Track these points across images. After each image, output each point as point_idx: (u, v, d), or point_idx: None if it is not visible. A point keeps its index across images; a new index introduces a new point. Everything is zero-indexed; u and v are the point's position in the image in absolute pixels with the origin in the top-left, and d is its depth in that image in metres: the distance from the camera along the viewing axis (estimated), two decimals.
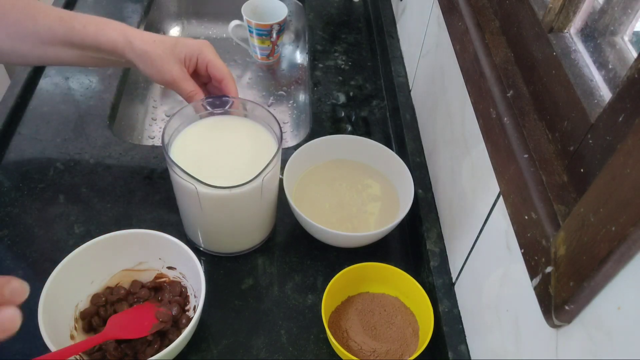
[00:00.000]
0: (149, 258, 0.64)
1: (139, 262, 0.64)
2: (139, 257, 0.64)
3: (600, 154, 0.39)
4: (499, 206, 0.53)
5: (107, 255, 0.62)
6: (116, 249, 0.62)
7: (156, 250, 0.63)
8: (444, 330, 0.61)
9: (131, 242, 0.62)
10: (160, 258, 0.64)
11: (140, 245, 0.62)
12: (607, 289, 0.35)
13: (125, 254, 0.63)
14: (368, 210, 0.75)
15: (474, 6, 0.62)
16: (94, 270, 0.62)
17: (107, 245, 0.61)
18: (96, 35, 0.63)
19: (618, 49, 0.45)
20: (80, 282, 0.61)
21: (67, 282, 0.58)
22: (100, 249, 0.61)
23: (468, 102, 0.59)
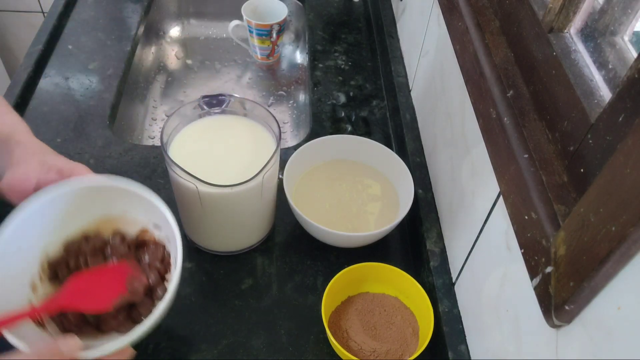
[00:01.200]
0: (135, 209, 0.56)
1: (124, 211, 0.57)
2: (124, 205, 0.56)
3: (600, 154, 0.39)
4: (499, 206, 0.53)
5: (88, 197, 0.54)
6: (99, 192, 0.55)
7: (140, 203, 0.55)
8: (444, 330, 0.61)
9: (115, 191, 0.55)
10: (146, 211, 0.56)
11: (123, 195, 0.55)
12: (607, 289, 0.35)
13: (108, 198, 0.55)
14: (368, 210, 0.75)
15: (474, 6, 0.62)
16: (70, 211, 0.54)
17: (88, 188, 0.54)
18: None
19: (618, 49, 0.45)
20: (52, 222, 0.54)
21: (35, 220, 0.52)
22: (79, 190, 0.53)
23: (468, 102, 0.59)
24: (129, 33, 1.02)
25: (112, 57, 0.96)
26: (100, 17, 1.05)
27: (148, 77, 1.06)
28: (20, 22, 1.69)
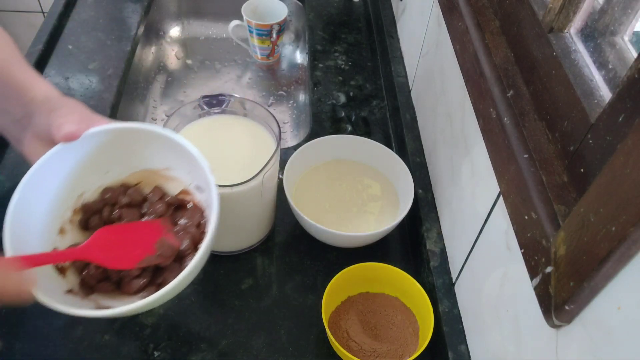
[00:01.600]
0: (178, 166, 0.53)
1: (167, 167, 0.54)
2: (167, 160, 0.53)
3: (600, 154, 0.39)
4: (499, 206, 0.53)
5: (131, 146, 0.51)
6: (144, 141, 0.51)
7: (185, 162, 0.51)
8: (444, 330, 0.61)
9: (162, 142, 0.51)
10: (189, 172, 0.53)
11: (171, 149, 0.51)
12: (607, 289, 0.35)
13: (152, 151, 0.52)
14: (368, 210, 0.75)
15: (474, 6, 0.62)
16: (112, 156, 0.51)
17: (132, 135, 0.50)
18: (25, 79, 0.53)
19: (618, 49, 0.45)
20: (92, 167, 0.51)
21: (74, 162, 0.49)
22: (124, 136, 0.50)
23: (468, 102, 0.59)
24: (129, 33, 1.02)
25: (112, 57, 0.96)
26: (100, 17, 1.05)
27: (148, 77, 1.06)
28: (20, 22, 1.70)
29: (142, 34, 1.06)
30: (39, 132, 0.50)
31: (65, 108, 0.49)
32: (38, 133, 0.50)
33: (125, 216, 0.52)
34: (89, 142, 0.49)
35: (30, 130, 0.51)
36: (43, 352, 0.60)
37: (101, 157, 0.51)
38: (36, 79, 0.53)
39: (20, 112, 0.51)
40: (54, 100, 0.51)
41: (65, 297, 0.47)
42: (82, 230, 0.52)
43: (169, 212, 0.53)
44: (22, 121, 0.51)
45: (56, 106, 0.49)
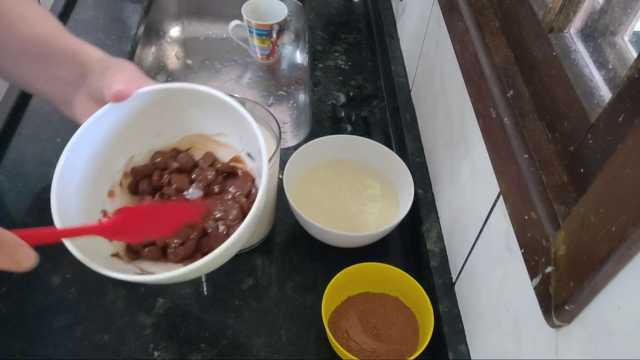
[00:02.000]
0: (230, 132, 0.51)
1: (218, 133, 0.52)
2: (219, 126, 0.51)
3: (600, 154, 0.39)
4: (499, 206, 0.53)
5: (183, 109, 0.50)
6: (196, 104, 0.50)
7: (238, 128, 0.49)
8: (444, 330, 0.61)
9: (214, 105, 0.49)
10: (241, 138, 0.51)
11: (223, 114, 0.49)
12: (607, 289, 0.35)
13: (204, 115, 0.50)
14: (368, 210, 0.75)
15: (474, 6, 0.62)
16: (163, 121, 0.50)
17: (184, 97, 0.49)
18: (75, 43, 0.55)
19: (618, 49, 0.45)
20: (142, 129, 0.50)
21: (124, 122, 0.48)
22: (175, 98, 0.49)
23: (468, 102, 0.59)
24: (129, 33, 1.02)
25: None
26: (100, 17, 1.05)
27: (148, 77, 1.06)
28: None
29: (142, 34, 1.06)
30: (92, 92, 0.50)
31: (117, 67, 0.49)
32: (91, 94, 0.50)
33: (175, 182, 0.50)
34: (139, 102, 0.47)
35: (83, 91, 0.51)
36: (43, 352, 0.60)
37: (152, 119, 0.50)
38: (85, 44, 0.54)
39: (73, 74, 0.52)
40: (107, 60, 0.51)
41: (110, 261, 0.46)
42: (132, 194, 0.52)
43: (219, 180, 0.51)
44: (75, 83, 0.52)
45: (110, 66, 0.49)
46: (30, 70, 0.55)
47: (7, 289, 0.65)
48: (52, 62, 0.53)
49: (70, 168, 0.46)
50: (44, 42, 0.54)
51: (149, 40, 1.10)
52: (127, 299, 0.65)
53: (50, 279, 0.66)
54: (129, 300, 0.65)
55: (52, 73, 0.53)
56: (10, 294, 0.64)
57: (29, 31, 0.55)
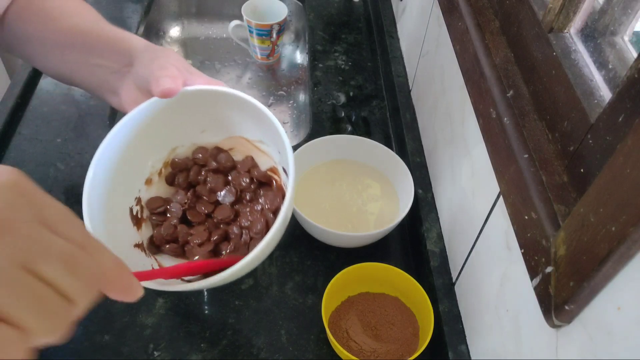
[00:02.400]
0: (269, 142, 0.52)
1: (260, 140, 0.52)
2: (262, 133, 0.51)
3: (600, 154, 0.39)
4: (499, 206, 0.53)
5: (228, 111, 0.50)
6: (240, 109, 0.50)
7: (276, 141, 0.49)
8: (444, 330, 0.61)
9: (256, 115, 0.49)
10: (279, 152, 0.51)
11: (264, 124, 0.49)
12: (607, 289, 0.35)
13: (247, 121, 0.51)
14: (368, 210, 0.75)
15: (474, 6, 0.62)
16: (209, 117, 0.51)
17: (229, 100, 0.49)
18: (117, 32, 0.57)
19: (618, 49, 0.45)
20: (187, 122, 0.51)
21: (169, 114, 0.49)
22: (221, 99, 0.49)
23: (468, 102, 0.59)
24: None
25: None
26: None
27: None
28: None
29: (142, 34, 1.06)
30: (139, 82, 0.51)
31: (163, 58, 0.49)
32: (138, 83, 0.51)
33: (210, 181, 0.51)
34: (185, 99, 0.48)
35: (129, 78, 0.52)
36: (43, 352, 0.60)
37: (197, 114, 0.50)
38: (128, 33, 0.55)
39: (119, 63, 0.53)
40: (152, 49, 0.52)
41: (132, 251, 0.47)
42: (168, 185, 0.52)
43: (252, 188, 0.52)
44: (121, 71, 0.53)
45: (156, 55, 0.50)
46: (73, 61, 0.56)
47: None
48: (96, 51, 0.54)
49: (109, 150, 0.46)
50: (85, 33, 0.55)
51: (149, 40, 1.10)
52: None
53: None
54: None
55: (95, 63, 0.54)
56: None
57: (68, 23, 0.56)
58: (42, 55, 0.58)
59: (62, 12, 0.57)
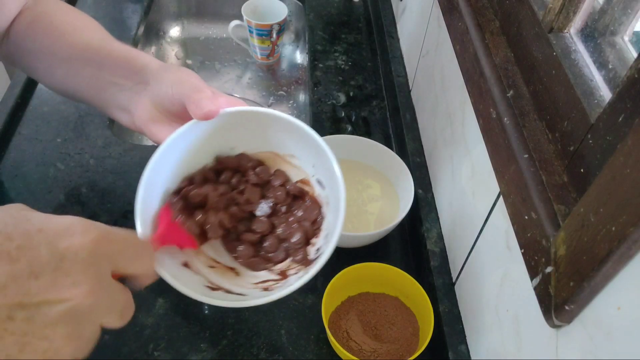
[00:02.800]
0: (302, 156, 0.52)
1: (292, 155, 0.53)
2: (292, 148, 0.52)
3: (600, 154, 0.39)
4: (499, 206, 0.53)
5: (261, 128, 0.51)
6: (275, 127, 0.51)
7: (311, 154, 0.51)
8: (444, 330, 0.61)
9: (292, 132, 0.50)
10: (313, 166, 0.52)
11: (300, 139, 0.51)
12: (607, 289, 0.35)
13: (281, 138, 0.52)
14: (368, 210, 0.75)
15: (474, 6, 0.62)
16: (240, 136, 0.52)
17: (264, 118, 0.50)
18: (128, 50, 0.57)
19: (618, 49, 0.45)
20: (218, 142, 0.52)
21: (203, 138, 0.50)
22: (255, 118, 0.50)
23: (468, 102, 0.59)
24: (129, 33, 1.02)
25: None
26: (100, 17, 1.05)
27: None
28: None
29: (142, 34, 1.06)
30: (158, 100, 0.51)
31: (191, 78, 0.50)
32: (157, 101, 0.51)
33: (248, 192, 0.51)
34: (220, 120, 0.49)
35: (144, 96, 0.52)
36: None
37: (229, 134, 0.51)
38: (138, 51, 0.55)
39: (132, 80, 0.53)
40: (169, 67, 0.52)
41: (181, 270, 0.47)
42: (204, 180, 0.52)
43: (288, 201, 0.53)
44: (133, 89, 0.53)
45: (179, 75, 0.50)
46: (82, 77, 0.56)
47: None
48: (107, 68, 0.54)
49: (150, 185, 0.47)
50: (97, 49, 0.55)
51: (149, 40, 1.11)
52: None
53: None
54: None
55: (106, 79, 0.54)
56: None
57: (80, 39, 0.56)
58: (49, 69, 0.58)
59: (73, 28, 0.57)
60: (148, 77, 0.52)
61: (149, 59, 0.54)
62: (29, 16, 0.57)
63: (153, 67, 0.52)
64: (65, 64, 0.56)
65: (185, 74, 0.51)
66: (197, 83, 0.49)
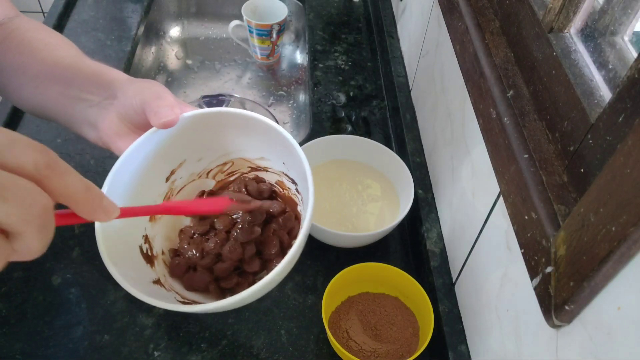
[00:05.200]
0: (271, 155, 0.51)
1: (261, 157, 0.52)
2: (260, 148, 0.51)
3: (600, 154, 0.39)
4: (499, 206, 0.53)
5: (224, 133, 0.50)
6: (238, 128, 0.49)
7: (279, 151, 0.49)
8: (444, 330, 0.61)
9: (255, 129, 0.49)
10: (284, 163, 0.51)
11: (265, 137, 0.49)
12: (607, 289, 0.35)
13: (246, 139, 0.51)
14: (368, 210, 0.75)
15: (474, 6, 0.62)
16: (205, 145, 0.51)
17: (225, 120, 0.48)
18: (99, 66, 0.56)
19: (618, 49, 0.45)
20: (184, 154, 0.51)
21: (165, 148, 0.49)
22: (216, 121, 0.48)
23: (468, 102, 0.59)
24: (129, 33, 1.02)
25: (112, 57, 0.96)
26: (100, 17, 1.05)
27: (148, 77, 1.06)
28: None
29: (142, 34, 1.06)
30: (124, 110, 0.50)
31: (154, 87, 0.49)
32: (123, 112, 0.50)
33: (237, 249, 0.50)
34: (180, 126, 0.47)
35: (111, 111, 0.51)
36: (43, 352, 0.60)
37: (194, 142, 0.50)
38: (111, 68, 0.54)
39: (100, 95, 0.52)
40: (136, 80, 0.52)
41: (152, 288, 0.47)
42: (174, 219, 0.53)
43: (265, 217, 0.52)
44: (101, 104, 0.52)
45: (143, 85, 0.49)
46: (50, 94, 0.55)
47: (7, 289, 0.65)
48: (76, 84, 0.53)
49: (113, 193, 0.46)
50: (67, 66, 0.54)
51: (149, 40, 1.10)
52: (127, 299, 0.65)
53: (50, 279, 0.66)
54: (129, 300, 0.65)
55: (75, 96, 0.53)
56: (10, 294, 0.64)
57: (51, 55, 0.55)
58: (18, 85, 0.57)
59: (45, 44, 0.57)
60: (116, 91, 0.51)
61: (118, 73, 0.53)
62: (1, 34, 0.57)
63: (121, 80, 0.52)
64: (34, 81, 0.55)
65: (149, 83, 0.50)
66: (159, 91, 0.48)
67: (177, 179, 0.52)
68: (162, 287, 0.48)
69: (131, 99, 0.49)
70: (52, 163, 0.30)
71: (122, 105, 0.50)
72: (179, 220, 0.54)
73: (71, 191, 0.31)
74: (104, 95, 0.52)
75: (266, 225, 0.52)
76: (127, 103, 0.49)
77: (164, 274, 0.50)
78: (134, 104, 0.49)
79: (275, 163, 0.52)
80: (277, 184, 0.53)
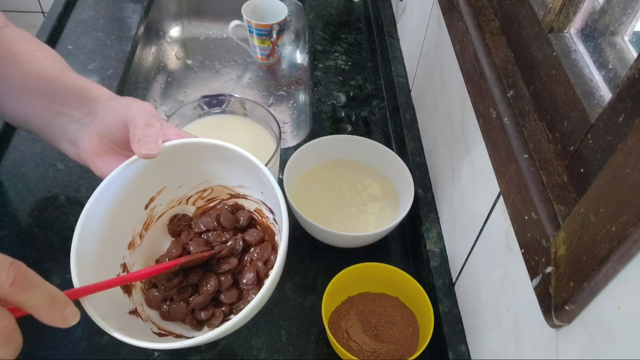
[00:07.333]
0: (250, 184, 0.52)
1: (240, 185, 0.53)
2: (239, 177, 0.52)
3: (600, 154, 0.39)
4: (499, 206, 0.53)
5: (204, 161, 0.51)
6: (218, 158, 0.50)
7: (257, 181, 0.51)
8: (444, 330, 0.61)
9: (234, 160, 0.49)
10: (262, 192, 0.52)
11: (242, 167, 0.50)
12: (607, 289, 0.35)
13: (226, 168, 0.51)
14: (368, 210, 0.75)
15: (474, 6, 0.62)
16: (185, 172, 0.51)
17: (206, 150, 0.49)
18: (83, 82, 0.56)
19: (618, 49, 0.45)
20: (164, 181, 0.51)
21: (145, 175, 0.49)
22: (197, 150, 0.49)
23: (468, 102, 0.59)
24: (129, 33, 1.02)
25: (112, 57, 0.96)
26: (100, 17, 1.05)
27: (148, 77, 1.06)
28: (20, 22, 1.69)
29: (142, 34, 1.06)
30: (103, 127, 0.50)
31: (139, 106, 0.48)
32: (102, 131, 0.50)
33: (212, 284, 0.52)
34: (164, 154, 0.47)
35: (91, 128, 0.51)
36: (43, 353, 0.60)
37: (174, 170, 0.50)
38: (92, 82, 0.54)
39: (81, 111, 0.52)
40: (118, 97, 0.51)
41: (128, 319, 0.47)
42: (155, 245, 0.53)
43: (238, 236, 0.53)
44: (81, 121, 0.52)
45: (126, 103, 0.49)
46: (33, 107, 0.55)
47: None
48: (58, 99, 0.53)
49: (91, 221, 0.46)
50: (51, 80, 0.54)
51: (149, 40, 1.10)
52: None
53: (50, 279, 0.66)
54: None
55: (57, 110, 0.53)
56: None
57: (36, 69, 0.55)
58: (2, 97, 0.57)
59: (31, 57, 0.56)
60: (97, 109, 0.51)
61: (102, 91, 0.53)
62: None
63: (104, 98, 0.51)
64: (18, 94, 0.55)
65: (136, 101, 0.50)
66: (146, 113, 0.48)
67: (156, 205, 0.52)
68: (138, 318, 0.48)
69: (115, 115, 0.49)
70: (18, 279, 0.34)
71: (104, 122, 0.50)
72: (158, 248, 0.54)
73: (35, 304, 0.35)
74: (84, 111, 0.52)
75: (243, 255, 0.52)
76: (109, 119, 0.49)
77: (142, 302, 0.50)
78: (117, 119, 0.48)
79: (254, 191, 0.53)
80: (256, 212, 0.54)
